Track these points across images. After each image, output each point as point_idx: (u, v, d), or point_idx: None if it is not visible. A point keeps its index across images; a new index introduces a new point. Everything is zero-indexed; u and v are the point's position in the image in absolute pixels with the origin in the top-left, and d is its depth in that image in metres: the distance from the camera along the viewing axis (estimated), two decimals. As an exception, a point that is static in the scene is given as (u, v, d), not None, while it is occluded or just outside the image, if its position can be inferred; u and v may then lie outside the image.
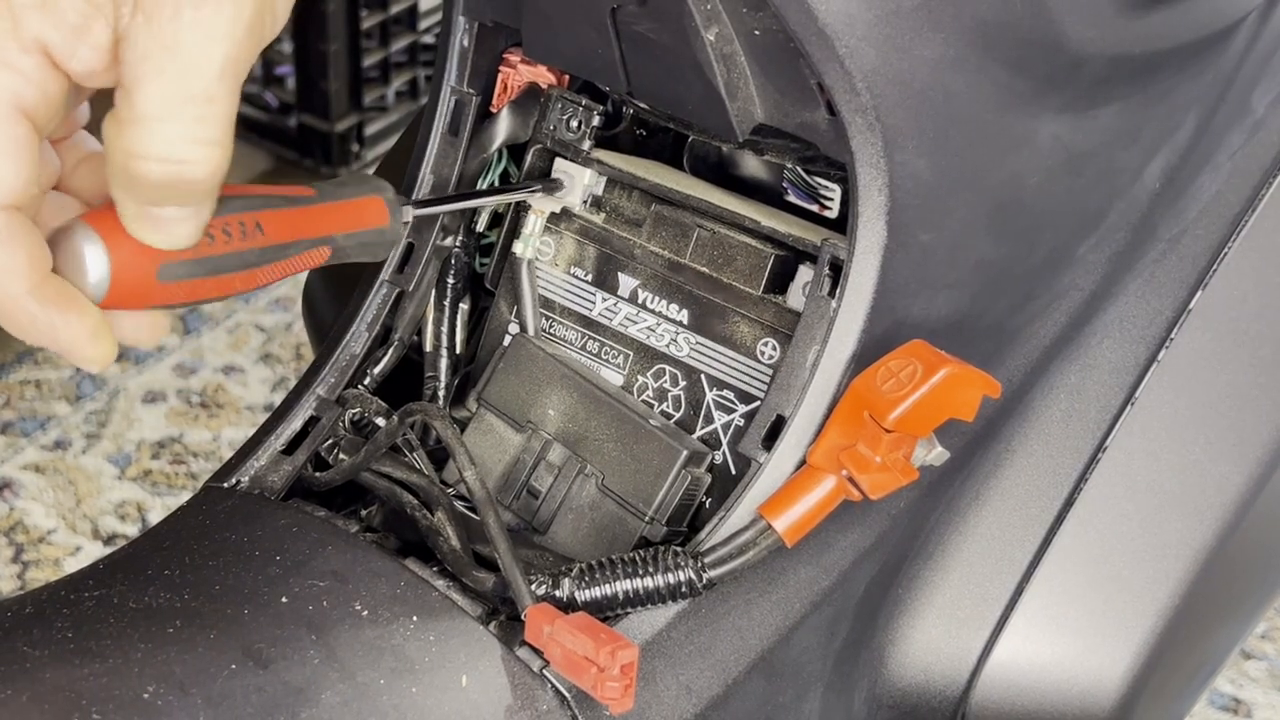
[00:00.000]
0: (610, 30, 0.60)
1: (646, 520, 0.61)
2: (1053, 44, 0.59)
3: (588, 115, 0.67)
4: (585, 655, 0.51)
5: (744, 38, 0.57)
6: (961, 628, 0.67)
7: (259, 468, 0.63)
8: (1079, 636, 0.67)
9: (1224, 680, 1.08)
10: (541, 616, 0.53)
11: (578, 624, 0.52)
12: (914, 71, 0.55)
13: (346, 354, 0.67)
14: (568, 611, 0.55)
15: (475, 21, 0.67)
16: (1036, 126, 0.61)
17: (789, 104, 0.58)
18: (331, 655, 0.53)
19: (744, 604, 0.59)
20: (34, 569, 1.18)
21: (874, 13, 0.53)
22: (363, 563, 0.57)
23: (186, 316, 1.42)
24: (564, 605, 0.56)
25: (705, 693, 0.58)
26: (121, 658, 0.51)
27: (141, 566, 0.57)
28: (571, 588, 0.56)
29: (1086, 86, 0.62)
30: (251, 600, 0.54)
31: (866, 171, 0.56)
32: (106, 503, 1.23)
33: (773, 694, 0.61)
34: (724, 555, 0.56)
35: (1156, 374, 0.71)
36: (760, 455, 0.58)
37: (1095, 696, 0.66)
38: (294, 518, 0.59)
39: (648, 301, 0.66)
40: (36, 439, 1.28)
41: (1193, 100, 0.69)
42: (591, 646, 0.51)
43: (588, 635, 0.52)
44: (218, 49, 0.43)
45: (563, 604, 0.56)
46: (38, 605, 0.54)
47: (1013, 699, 0.67)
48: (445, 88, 0.68)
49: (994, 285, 0.64)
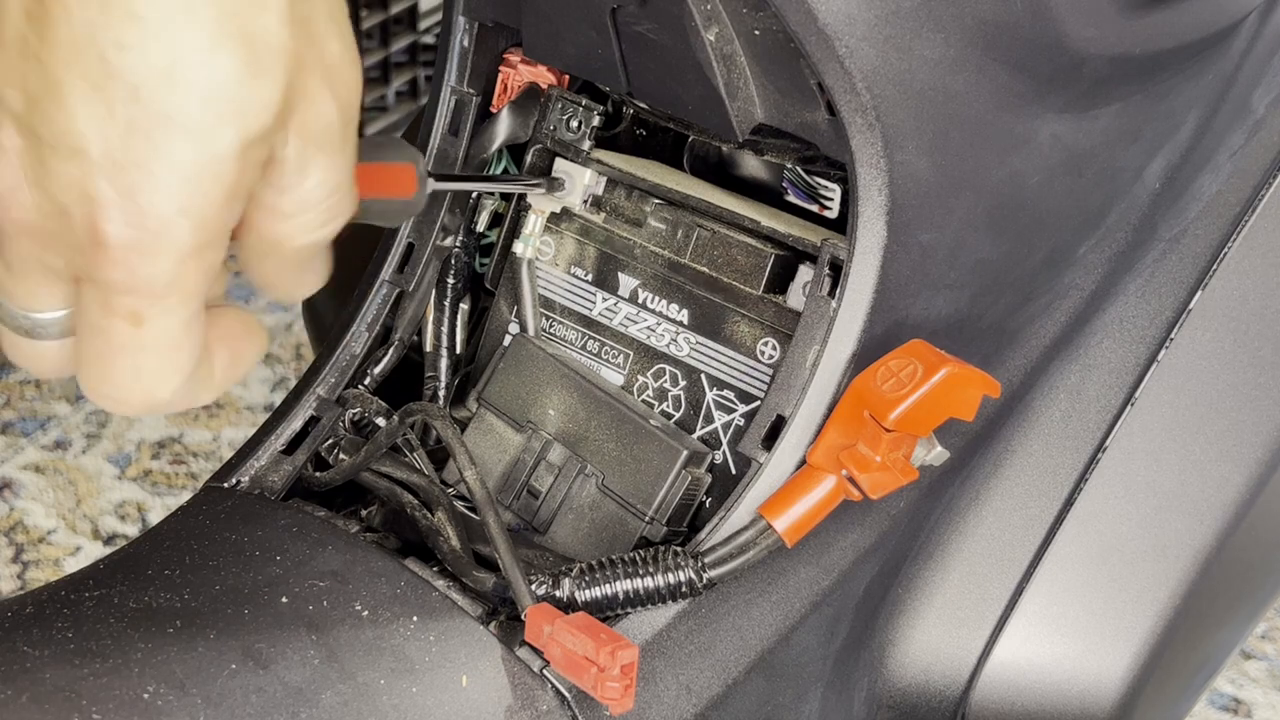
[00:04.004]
0: (610, 30, 0.60)
1: (646, 520, 0.61)
2: (1053, 44, 0.59)
3: (588, 115, 0.67)
4: (585, 655, 0.51)
5: (744, 38, 0.57)
6: (961, 628, 0.67)
7: (259, 468, 0.63)
8: (1079, 637, 0.67)
9: (1224, 680, 1.08)
10: (542, 616, 0.53)
11: (578, 624, 0.52)
12: (914, 71, 0.55)
13: (346, 354, 0.67)
14: (568, 611, 0.55)
15: (475, 21, 0.67)
16: (1037, 126, 0.61)
17: (789, 104, 0.58)
18: (331, 655, 0.53)
19: (744, 604, 0.59)
20: (34, 569, 1.18)
21: (874, 12, 0.53)
22: (363, 563, 0.57)
23: (186, 316, 1.42)
24: (564, 605, 0.56)
25: (705, 693, 0.58)
26: (121, 658, 0.51)
27: (141, 567, 0.57)
28: (572, 588, 0.56)
29: (1087, 86, 0.62)
30: (251, 600, 0.54)
31: (866, 171, 0.56)
32: (106, 503, 1.23)
33: (772, 694, 0.61)
34: (724, 555, 0.56)
35: (1156, 374, 0.71)
36: (760, 455, 0.58)
37: (1095, 697, 0.66)
38: (294, 518, 0.59)
39: (648, 301, 0.66)
40: (37, 439, 1.28)
41: (1193, 100, 0.69)
42: (592, 646, 0.51)
43: (588, 635, 0.52)
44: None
45: (563, 604, 0.56)
46: (38, 605, 0.54)
47: (1012, 699, 0.67)
48: (445, 88, 0.68)
49: (994, 285, 0.64)
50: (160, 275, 0.43)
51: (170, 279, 0.43)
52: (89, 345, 0.45)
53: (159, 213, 0.42)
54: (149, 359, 0.45)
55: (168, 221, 0.42)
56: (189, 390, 0.47)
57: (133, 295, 0.43)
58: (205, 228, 0.43)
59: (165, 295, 0.44)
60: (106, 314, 0.44)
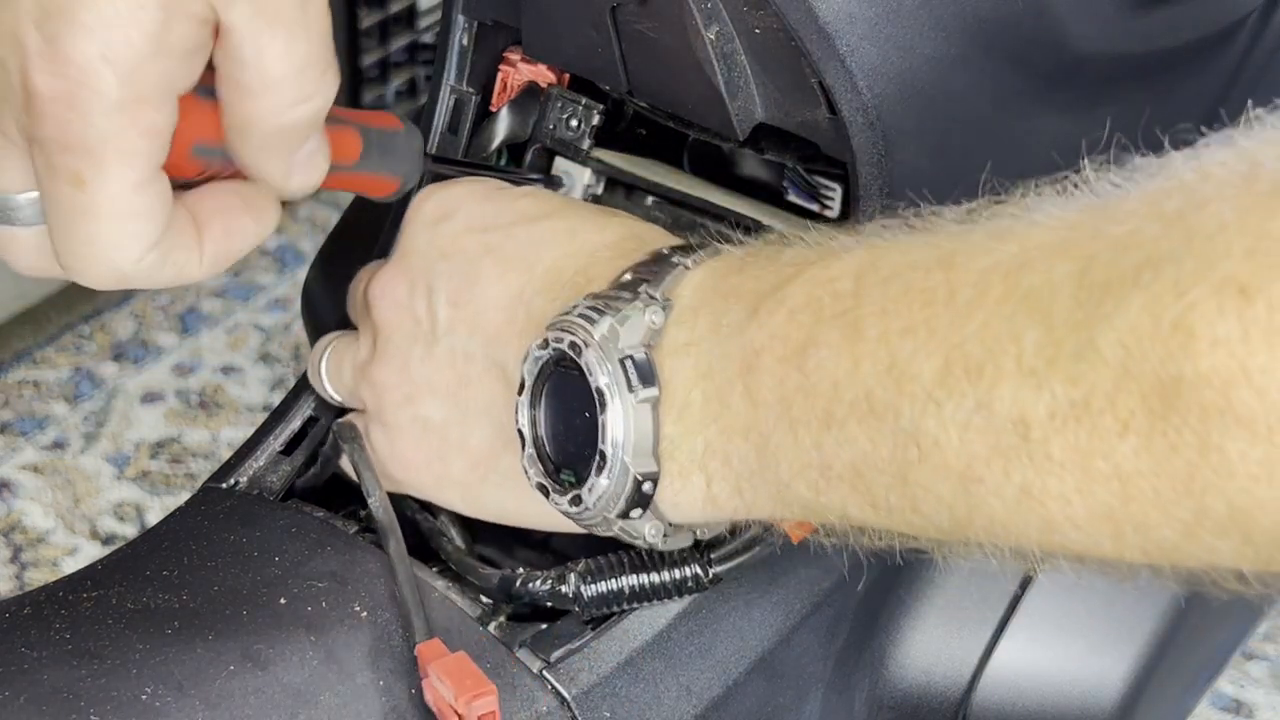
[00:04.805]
0: (610, 29, 0.60)
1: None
2: (1054, 43, 0.59)
3: (587, 114, 0.67)
4: (449, 702, 0.50)
5: (744, 36, 0.57)
6: (962, 629, 0.67)
7: (257, 468, 0.63)
8: (1080, 638, 0.67)
9: (1226, 681, 1.08)
10: (427, 655, 0.52)
11: (448, 668, 0.51)
12: (916, 70, 0.55)
13: (345, 354, 0.67)
14: (574, 606, 0.56)
15: (475, 20, 0.67)
16: (1038, 126, 0.61)
17: (790, 103, 0.58)
18: (330, 656, 0.53)
19: (744, 604, 0.59)
20: (32, 569, 1.18)
21: (875, 11, 0.53)
22: (362, 563, 0.56)
23: (185, 316, 1.41)
24: (570, 600, 0.56)
25: (706, 693, 0.58)
26: (119, 659, 0.51)
27: (140, 567, 0.57)
28: (578, 583, 0.56)
29: (1088, 86, 0.62)
30: (250, 601, 0.54)
31: (867, 171, 0.56)
32: (105, 503, 1.23)
33: (773, 695, 0.60)
34: (730, 550, 0.56)
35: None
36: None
37: (1096, 698, 0.66)
38: (293, 518, 0.59)
39: (648, 301, 0.65)
40: (35, 439, 1.28)
41: (1194, 100, 0.69)
42: (453, 693, 0.50)
43: (453, 681, 0.50)
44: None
45: (568, 598, 0.56)
46: (36, 606, 0.54)
47: (1014, 700, 0.66)
48: (445, 86, 0.68)
49: (995, 285, 0.64)
50: (91, 131, 0.43)
51: (102, 135, 0.43)
52: (49, 217, 0.45)
53: (80, 59, 0.42)
54: (101, 225, 0.45)
55: (90, 69, 0.42)
56: (165, 263, 0.47)
57: (69, 154, 0.43)
58: (133, 80, 0.43)
59: (101, 154, 0.43)
60: (51, 178, 0.44)
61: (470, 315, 0.56)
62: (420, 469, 0.58)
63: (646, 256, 0.53)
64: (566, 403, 0.51)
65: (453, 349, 0.56)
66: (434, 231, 0.58)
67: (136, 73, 0.43)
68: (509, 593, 0.57)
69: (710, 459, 0.49)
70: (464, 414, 0.57)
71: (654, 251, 0.54)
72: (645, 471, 0.50)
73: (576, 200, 0.59)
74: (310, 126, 0.48)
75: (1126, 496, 0.38)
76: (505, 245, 0.57)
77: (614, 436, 0.50)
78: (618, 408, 0.49)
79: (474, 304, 0.56)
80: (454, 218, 0.58)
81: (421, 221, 0.59)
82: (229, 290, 1.43)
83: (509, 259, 0.56)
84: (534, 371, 0.52)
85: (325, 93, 0.47)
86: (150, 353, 1.38)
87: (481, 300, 0.56)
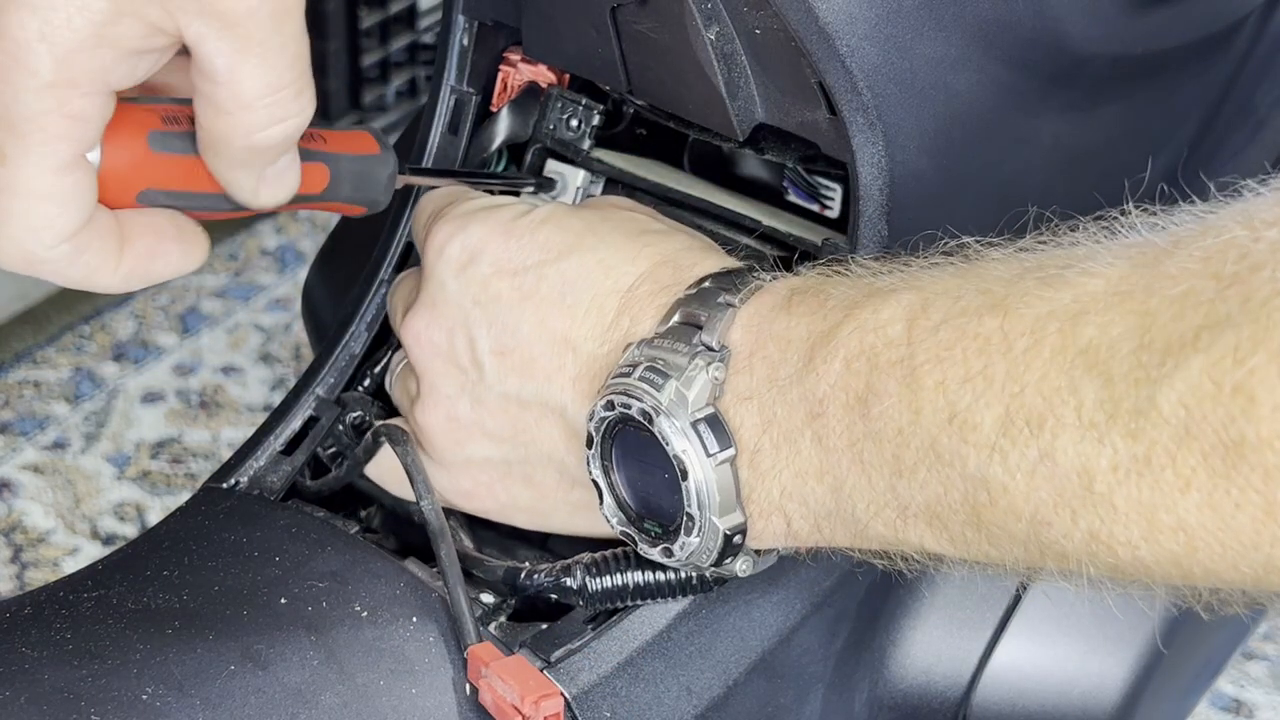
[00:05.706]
0: (610, 29, 0.60)
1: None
2: (1055, 43, 0.59)
3: (588, 114, 0.67)
4: (512, 703, 0.51)
5: (745, 36, 0.57)
6: (963, 629, 0.67)
7: (258, 468, 0.63)
8: (1080, 638, 0.67)
9: (1226, 681, 1.08)
10: (482, 657, 0.53)
11: (510, 669, 0.52)
12: (916, 70, 0.55)
13: (346, 354, 0.67)
14: (579, 601, 0.56)
15: (475, 20, 0.67)
16: (1039, 126, 0.61)
17: (790, 103, 0.58)
18: (331, 656, 0.53)
19: (745, 604, 0.59)
20: (32, 569, 1.18)
21: (875, 11, 0.53)
22: (362, 563, 0.56)
23: (185, 316, 1.41)
24: (574, 593, 0.56)
25: (706, 693, 0.58)
26: (120, 659, 0.51)
27: (140, 567, 0.57)
28: (583, 576, 0.56)
29: (1089, 86, 0.62)
30: (250, 601, 0.54)
31: (868, 171, 0.56)
32: (105, 503, 1.23)
33: (773, 695, 0.60)
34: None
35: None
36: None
37: (1096, 698, 0.66)
38: (293, 518, 0.59)
39: (648, 301, 0.65)
40: (35, 439, 1.28)
41: (1195, 100, 0.69)
42: (519, 695, 0.51)
43: (517, 682, 0.51)
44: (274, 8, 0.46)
45: (574, 592, 0.56)
46: (36, 606, 0.54)
47: (1014, 700, 0.66)
48: (445, 87, 0.68)
49: (995, 285, 0.64)
50: (18, 107, 0.44)
51: (29, 113, 0.44)
52: None
53: (19, 35, 0.43)
54: (16, 203, 0.45)
55: (26, 46, 0.43)
56: (76, 260, 0.47)
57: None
58: (67, 65, 0.43)
59: (25, 131, 0.44)
60: None
61: (519, 364, 0.56)
62: (483, 498, 0.59)
63: (689, 291, 0.53)
64: (641, 459, 0.52)
65: (505, 396, 0.56)
66: (463, 278, 0.57)
67: (72, 57, 0.44)
68: (514, 585, 0.57)
69: (788, 501, 0.50)
70: (526, 454, 0.57)
71: (695, 284, 0.53)
72: (733, 526, 0.51)
73: (593, 219, 0.58)
74: (283, 147, 0.48)
75: (1192, 547, 0.39)
76: (540, 288, 0.56)
77: (699, 500, 0.50)
78: (698, 472, 0.50)
79: (519, 352, 0.56)
80: (480, 261, 0.57)
81: (446, 266, 0.58)
82: (229, 290, 1.43)
83: (547, 302, 0.56)
84: (600, 429, 0.53)
85: (300, 115, 0.48)
86: (150, 353, 1.38)
87: (528, 349, 0.56)
